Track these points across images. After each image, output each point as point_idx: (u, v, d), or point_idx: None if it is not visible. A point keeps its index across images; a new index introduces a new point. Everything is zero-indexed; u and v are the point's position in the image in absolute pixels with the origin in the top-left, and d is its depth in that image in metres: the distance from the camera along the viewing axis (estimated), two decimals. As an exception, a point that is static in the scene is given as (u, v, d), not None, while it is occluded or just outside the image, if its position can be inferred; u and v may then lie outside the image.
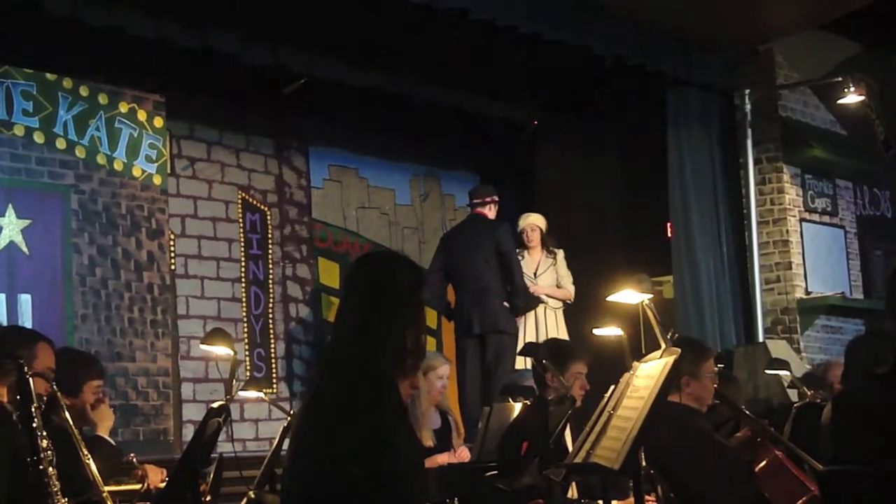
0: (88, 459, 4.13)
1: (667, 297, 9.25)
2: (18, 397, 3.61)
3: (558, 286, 8.43)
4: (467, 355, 8.10)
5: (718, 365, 5.57)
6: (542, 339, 7.82)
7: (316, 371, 3.27)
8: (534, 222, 8.56)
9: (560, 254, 8.53)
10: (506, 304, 8.08)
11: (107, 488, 4.26)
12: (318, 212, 9.45)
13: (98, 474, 4.14)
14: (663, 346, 3.76)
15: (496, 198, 8.43)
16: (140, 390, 7.68)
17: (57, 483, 3.61)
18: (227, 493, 4.79)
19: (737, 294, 9.26)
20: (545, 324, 8.29)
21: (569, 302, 8.43)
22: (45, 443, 3.59)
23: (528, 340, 7.94)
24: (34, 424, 3.56)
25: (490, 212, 8.37)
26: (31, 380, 3.60)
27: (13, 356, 3.66)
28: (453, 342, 8.62)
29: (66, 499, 3.67)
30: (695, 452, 4.41)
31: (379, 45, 8.00)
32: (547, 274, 8.43)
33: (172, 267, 8.21)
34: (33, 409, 3.57)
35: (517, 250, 8.39)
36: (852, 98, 8.65)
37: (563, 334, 8.10)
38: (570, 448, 4.33)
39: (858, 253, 10.24)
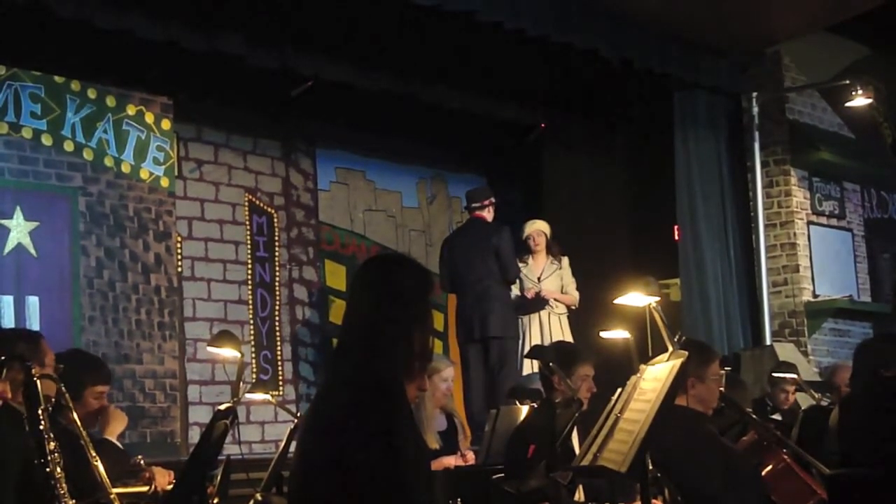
0: (97, 461, 4.14)
1: (674, 300, 9.24)
2: (26, 399, 3.61)
3: (563, 292, 8.43)
4: (470, 360, 8.12)
5: (725, 368, 5.57)
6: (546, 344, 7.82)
7: (324, 374, 3.27)
8: (539, 229, 8.57)
9: (565, 260, 8.53)
10: (508, 306, 8.15)
11: (114, 490, 4.27)
12: (324, 214, 9.46)
13: (106, 476, 4.14)
14: (670, 348, 3.75)
15: (493, 200, 8.45)
16: (147, 392, 7.69)
17: (65, 486, 3.61)
18: (234, 496, 4.79)
19: (744, 297, 9.25)
20: (549, 329, 8.29)
21: (573, 308, 8.43)
22: (52, 445, 3.59)
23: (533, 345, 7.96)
24: (41, 427, 3.56)
25: (488, 214, 8.39)
26: (38, 382, 3.61)
27: (21, 358, 3.67)
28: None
29: (74, 501, 3.67)
30: (701, 456, 4.40)
31: (386, 48, 8.01)
32: (552, 279, 8.44)
33: (179, 269, 8.22)
34: (40, 412, 3.57)
35: (522, 257, 8.43)
36: (860, 101, 8.64)
37: (569, 340, 8.09)
38: (577, 451, 4.33)
39: (866, 256, 10.23)
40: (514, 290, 8.37)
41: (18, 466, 3.73)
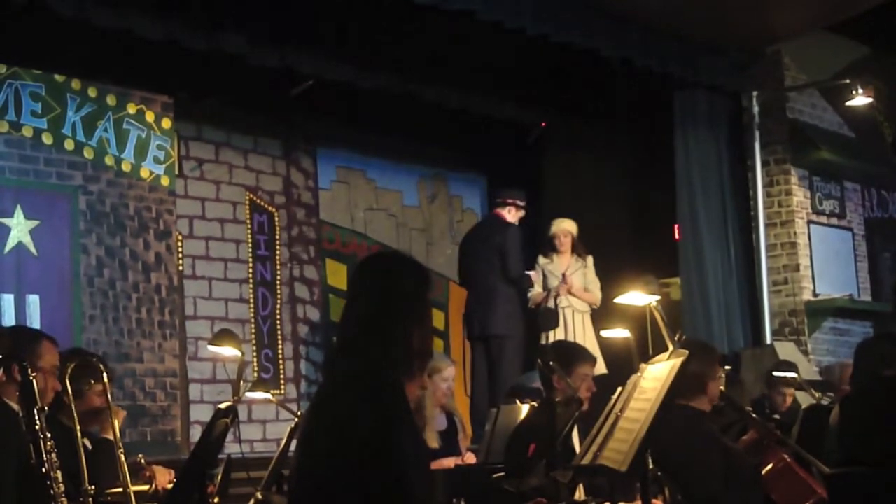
0: (121, 451, 4.16)
1: (674, 299, 9.23)
2: (22, 399, 3.61)
3: (586, 290, 8.41)
4: (475, 357, 8.13)
5: (725, 367, 5.57)
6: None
7: (323, 372, 3.28)
8: (568, 228, 8.52)
9: (590, 259, 8.50)
10: (512, 304, 8.15)
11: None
12: (325, 213, 9.46)
13: (127, 474, 4.16)
14: (670, 347, 3.75)
15: (518, 202, 8.49)
16: (148, 391, 7.69)
17: (61, 486, 3.61)
18: (235, 494, 4.80)
19: (744, 296, 9.24)
20: (573, 327, 8.27)
21: (594, 307, 8.37)
22: (48, 444, 3.59)
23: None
24: (37, 427, 3.56)
25: (509, 214, 8.44)
26: (34, 382, 3.61)
27: (18, 358, 3.67)
28: (460, 344, 8.64)
29: (70, 500, 3.68)
30: (701, 455, 4.41)
31: (386, 47, 8.01)
32: (577, 276, 8.41)
33: (180, 268, 8.22)
34: (36, 412, 3.57)
35: (546, 253, 8.41)
36: (860, 100, 8.63)
37: (591, 338, 8.04)
38: (578, 450, 4.33)
39: (866, 255, 10.23)
40: (538, 288, 8.36)
41: (18, 465, 3.73)
